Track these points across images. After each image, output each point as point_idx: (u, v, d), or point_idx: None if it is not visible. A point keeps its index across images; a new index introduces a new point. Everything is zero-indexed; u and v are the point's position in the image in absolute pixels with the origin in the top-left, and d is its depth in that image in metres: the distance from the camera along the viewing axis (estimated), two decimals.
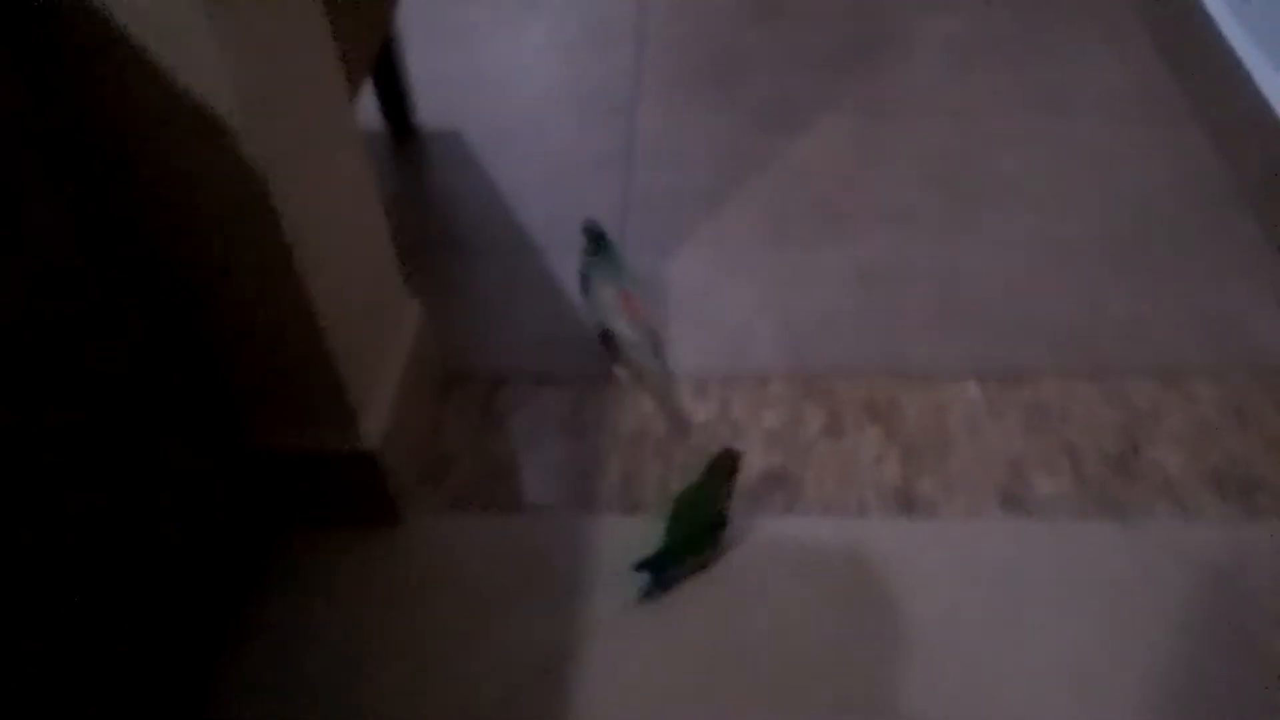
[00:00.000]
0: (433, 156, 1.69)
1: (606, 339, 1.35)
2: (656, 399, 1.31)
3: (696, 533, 1.12)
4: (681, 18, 1.96)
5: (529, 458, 1.26)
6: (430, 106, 1.75)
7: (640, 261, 1.49)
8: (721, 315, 1.41)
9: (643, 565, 1.10)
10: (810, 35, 1.90)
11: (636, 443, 1.26)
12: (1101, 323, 1.37)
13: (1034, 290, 1.42)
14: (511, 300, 1.45)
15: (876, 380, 1.32)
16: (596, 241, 1.39)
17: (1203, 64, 1.69)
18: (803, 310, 1.41)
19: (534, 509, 1.21)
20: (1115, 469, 1.20)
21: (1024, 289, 1.42)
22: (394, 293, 1.22)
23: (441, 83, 1.80)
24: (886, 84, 1.78)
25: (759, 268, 1.48)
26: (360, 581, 1.15)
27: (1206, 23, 1.67)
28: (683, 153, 1.68)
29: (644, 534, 1.13)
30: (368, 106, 1.68)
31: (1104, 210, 1.53)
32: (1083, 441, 1.23)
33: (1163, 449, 1.22)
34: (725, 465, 1.14)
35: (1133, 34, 1.86)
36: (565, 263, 1.48)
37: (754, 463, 1.22)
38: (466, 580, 1.15)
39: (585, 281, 1.37)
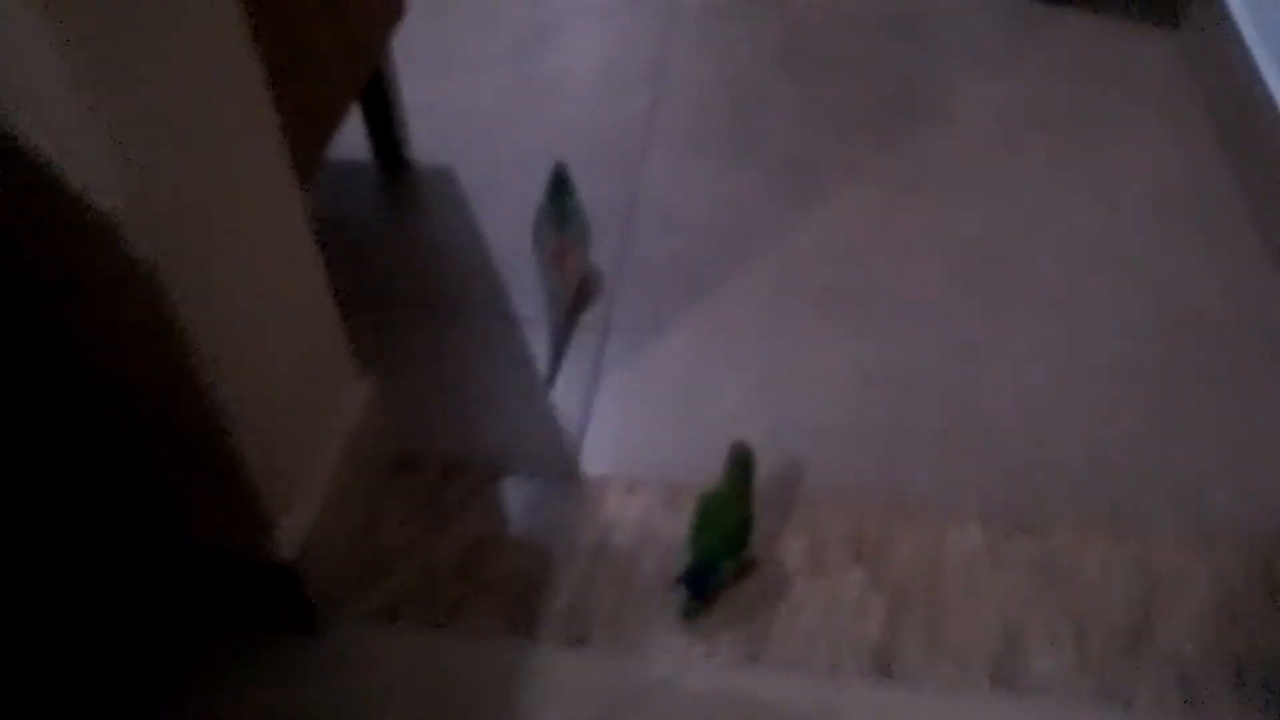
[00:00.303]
0: (421, 196, 1.57)
1: (548, 294, 1.38)
2: (551, 349, 1.35)
3: (731, 534, 1.08)
4: (706, 57, 1.82)
5: (474, 566, 1.14)
6: (425, 139, 1.63)
7: (625, 340, 1.37)
8: (703, 414, 1.29)
9: (682, 579, 1.07)
10: (842, 89, 1.75)
11: (594, 558, 1.14)
12: (1128, 465, 1.22)
13: (1056, 418, 1.28)
14: (481, 373, 1.33)
15: (868, 509, 1.19)
16: (559, 186, 1.40)
17: (1264, 158, 1.53)
18: (794, 416, 1.28)
19: (472, 628, 1.09)
20: (1124, 647, 1.06)
21: (1045, 416, 1.28)
22: (336, 375, 1.10)
23: (440, 114, 1.68)
24: (919, 154, 1.63)
25: (752, 361, 1.34)
26: (273, 698, 1.04)
27: (1270, 108, 1.51)
28: (687, 218, 1.54)
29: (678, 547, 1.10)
30: (356, 134, 1.56)
31: (1144, 327, 1.38)
32: (1091, 609, 1.09)
33: (1180, 627, 1.08)
34: (745, 458, 1.09)
35: (1190, 114, 1.70)
36: (544, 335, 1.36)
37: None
38: (389, 705, 1.04)
39: (537, 230, 1.41)
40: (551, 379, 1.32)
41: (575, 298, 1.40)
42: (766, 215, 1.53)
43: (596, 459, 1.24)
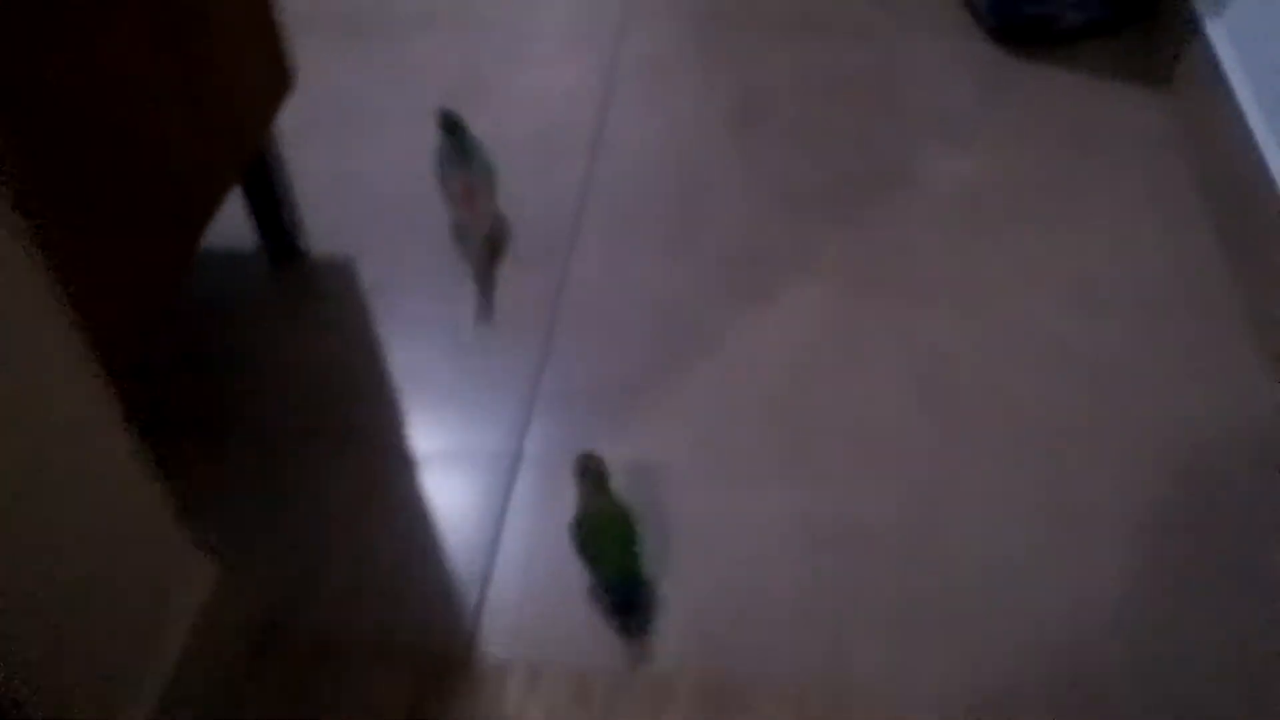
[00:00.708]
0: (312, 296, 1.38)
1: (459, 232, 1.39)
2: (478, 287, 1.35)
3: (630, 541, 1.05)
4: (648, 120, 1.63)
5: None
6: (325, 221, 1.44)
7: (535, 476, 1.19)
8: None
9: (614, 608, 1.05)
10: (795, 161, 1.56)
11: None
12: (1115, 647, 1.05)
13: (1032, 584, 1.09)
14: (365, 524, 1.15)
15: (809, 699, 1.01)
16: (450, 130, 1.37)
17: (1262, 251, 1.36)
18: (725, 582, 1.10)
19: None
20: None
21: (1018, 581, 1.10)
22: (167, 567, 0.92)
23: (344, 190, 1.49)
24: (878, 243, 1.45)
25: (676, 508, 1.16)
26: None
27: (1269, 190, 1.35)
28: (615, 320, 1.35)
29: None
30: (236, 218, 1.37)
31: (1137, 465, 1.20)
32: None
33: None
34: (597, 468, 1.06)
35: (1183, 194, 1.52)
36: (446, 477, 1.18)
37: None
38: None
39: (439, 169, 1.39)
40: (483, 319, 1.33)
41: (489, 242, 1.39)
42: (705, 316, 1.35)
43: (495, 636, 1.06)
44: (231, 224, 1.37)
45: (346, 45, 1.72)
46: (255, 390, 1.27)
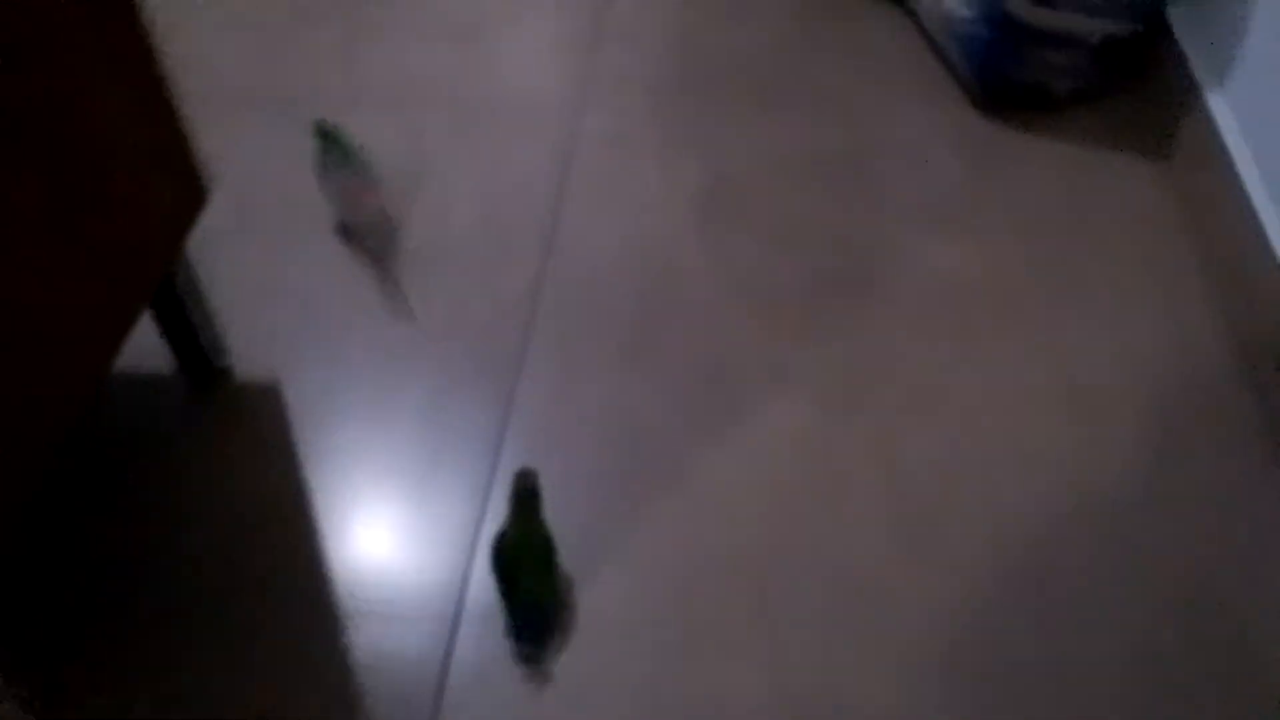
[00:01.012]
0: (234, 424, 1.25)
1: (344, 230, 1.43)
2: (380, 280, 1.38)
3: (541, 569, 1.04)
4: (607, 209, 1.50)
5: None
6: (256, 335, 1.31)
7: (473, 648, 1.06)
8: None
9: (520, 633, 1.05)
10: (767, 256, 1.44)
11: None
12: None
13: None
14: (289, 687, 1.02)
15: None
16: (325, 137, 1.40)
17: (1274, 348, 1.25)
18: None
19: None
20: None
21: None
22: None
23: (274, 298, 1.36)
24: (858, 353, 1.32)
25: (634, 684, 1.03)
26: None
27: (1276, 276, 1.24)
28: (566, 454, 1.22)
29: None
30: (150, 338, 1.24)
31: (1146, 624, 1.08)
32: None
33: None
34: (527, 488, 1.00)
35: (1189, 286, 1.41)
36: (380, 634, 1.05)
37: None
38: None
39: (320, 177, 1.42)
40: (402, 314, 1.35)
41: (379, 233, 1.43)
42: (665, 444, 1.22)
43: None
44: (151, 342, 1.26)
45: (280, 128, 1.58)
46: (165, 540, 1.14)
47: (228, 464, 1.21)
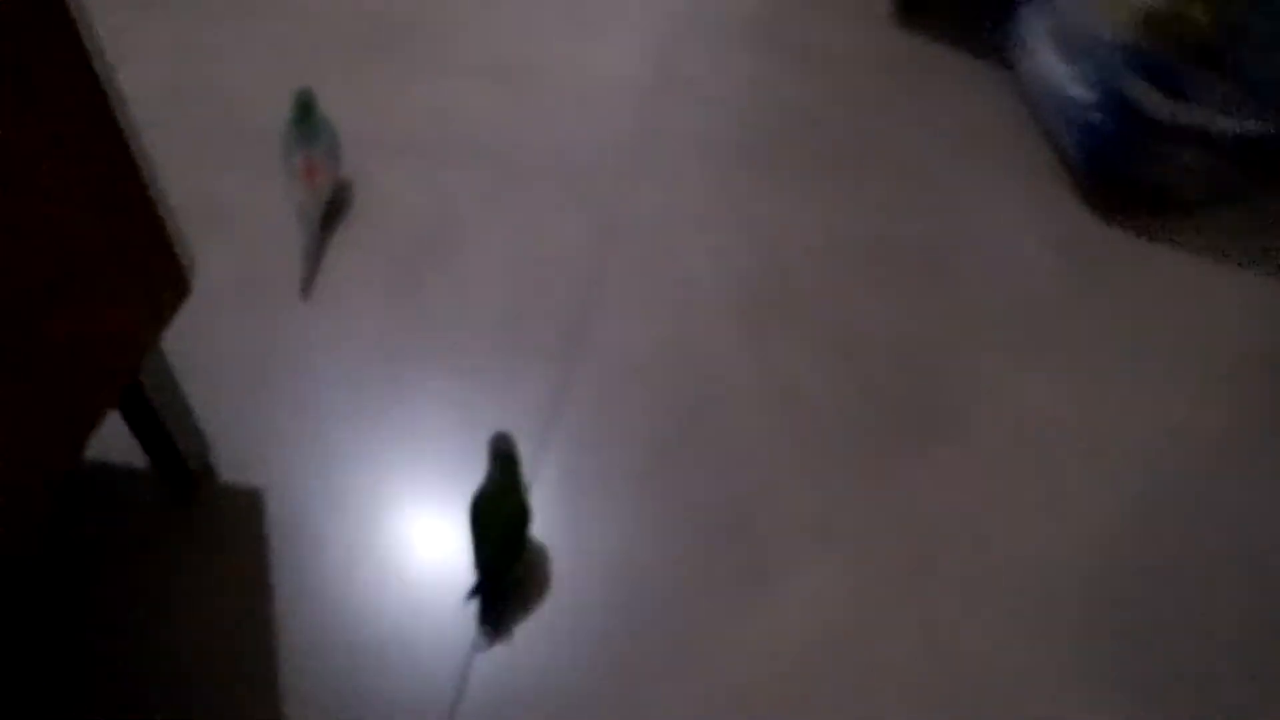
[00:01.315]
0: (211, 533, 1.12)
1: (299, 210, 1.37)
2: (305, 260, 1.35)
3: (511, 534, 1.04)
4: (642, 306, 1.33)
5: None
6: (231, 445, 1.18)
7: None
8: None
9: (478, 590, 1.03)
10: (817, 374, 1.24)
11: None
12: None
13: None
14: None
15: None
16: (303, 109, 1.39)
17: None
18: None
19: None
20: None
21: None
22: None
23: (256, 414, 1.22)
24: (914, 506, 1.12)
25: None
26: None
27: None
28: (556, 616, 1.05)
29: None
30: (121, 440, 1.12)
31: None
32: None
33: None
34: (507, 450, 1.05)
35: None
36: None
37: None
38: None
39: (284, 149, 1.40)
40: (306, 290, 1.33)
41: (327, 211, 1.42)
42: (677, 607, 1.05)
43: None
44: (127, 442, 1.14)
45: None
46: (115, 674, 1.02)
47: (198, 582, 1.08)
